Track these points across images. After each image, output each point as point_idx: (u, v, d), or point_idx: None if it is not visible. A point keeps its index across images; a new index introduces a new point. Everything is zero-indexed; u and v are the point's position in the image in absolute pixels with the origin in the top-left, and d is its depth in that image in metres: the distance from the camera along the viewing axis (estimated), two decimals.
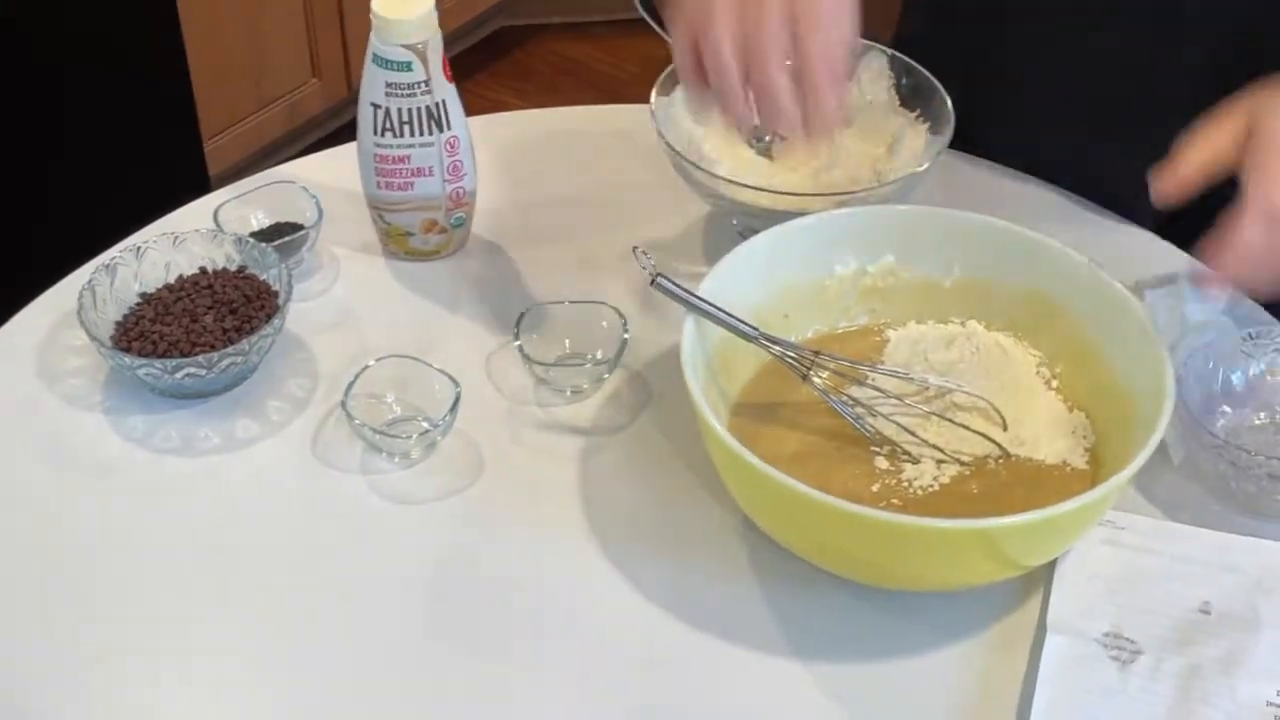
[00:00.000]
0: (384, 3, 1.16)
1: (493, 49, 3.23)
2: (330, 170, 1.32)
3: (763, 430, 1.07)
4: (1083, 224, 1.29)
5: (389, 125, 1.19)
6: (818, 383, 1.06)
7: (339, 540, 1.06)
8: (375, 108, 1.19)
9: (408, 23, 1.15)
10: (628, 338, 1.15)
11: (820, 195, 1.18)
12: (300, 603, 1.03)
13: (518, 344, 1.15)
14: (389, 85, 1.18)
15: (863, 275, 1.14)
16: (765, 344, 1.06)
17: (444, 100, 1.19)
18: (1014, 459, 1.06)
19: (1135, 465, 0.95)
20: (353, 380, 1.11)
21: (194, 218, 1.26)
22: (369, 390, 1.11)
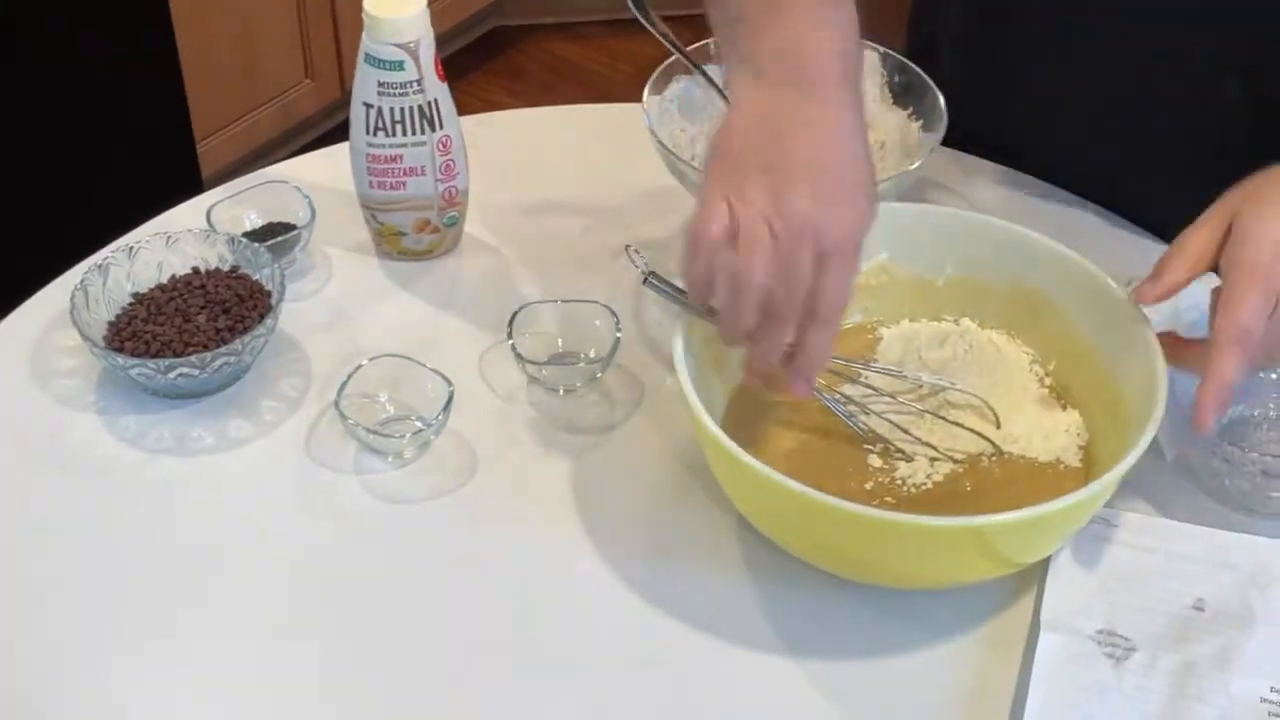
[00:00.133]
0: (376, 2, 1.16)
1: (486, 49, 3.23)
2: (323, 170, 1.32)
3: (756, 428, 1.07)
4: (1076, 221, 1.29)
5: (381, 124, 1.19)
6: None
7: (332, 540, 1.06)
8: (367, 107, 1.19)
9: (400, 22, 1.15)
10: (620, 336, 1.15)
11: None
12: (294, 602, 1.03)
13: (510, 343, 1.14)
14: (381, 84, 1.17)
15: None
16: None
17: (436, 99, 1.19)
18: (1007, 456, 1.06)
19: (1128, 462, 0.95)
20: (346, 380, 1.11)
21: (187, 218, 1.26)
22: (362, 390, 1.11)
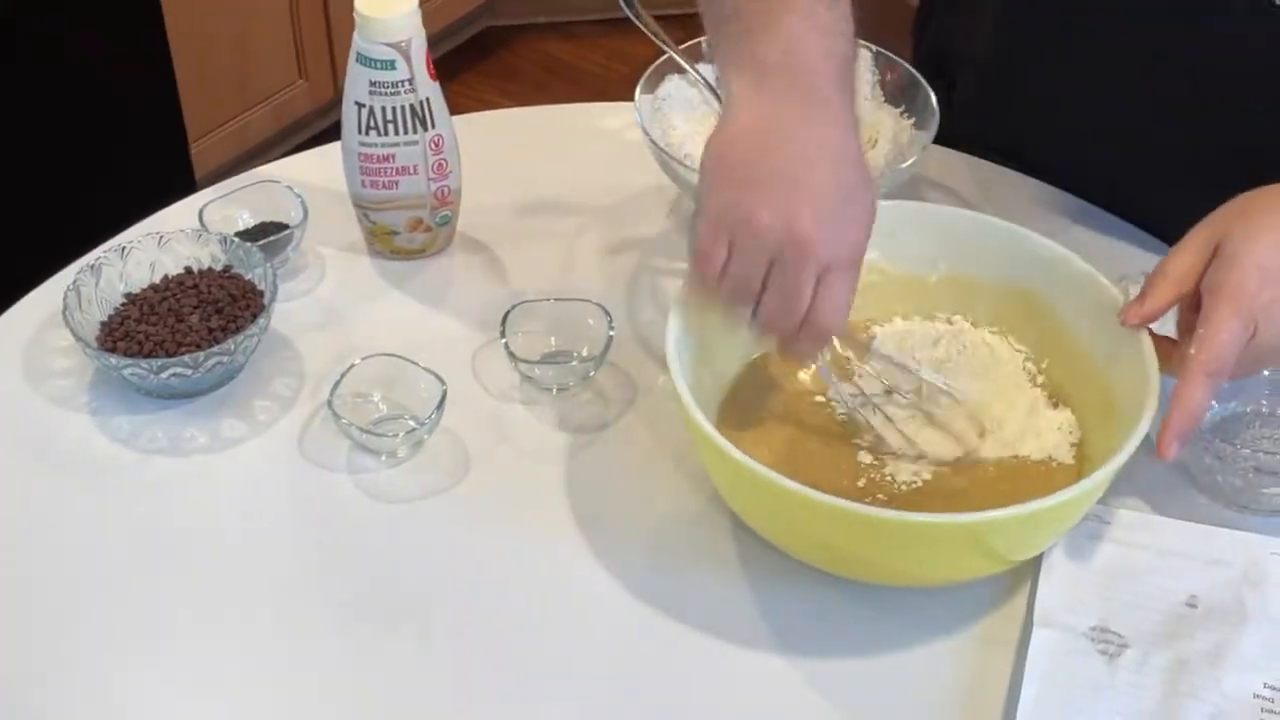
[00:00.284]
0: (367, 1, 1.15)
1: (479, 49, 3.23)
2: (315, 169, 1.32)
3: (749, 426, 1.07)
4: (1070, 219, 1.29)
5: (373, 124, 1.19)
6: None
7: (326, 539, 1.06)
8: (359, 106, 1.19)
9: (391, 21, 1.15)
10: (613, 335, 1.15)
11: None
12: (288, 601, 1.02)
13: (503, 342, 1.14)
14: (373, 84, 1.17)
15: None
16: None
17: (428, 98, 1.19)
18: (997, 460, 1.06)
19: (1121, 458, 0.95)
20: (339, 379, 1.11)
21: (179, 218, 1.26)
22: (355, 389, 1.11)
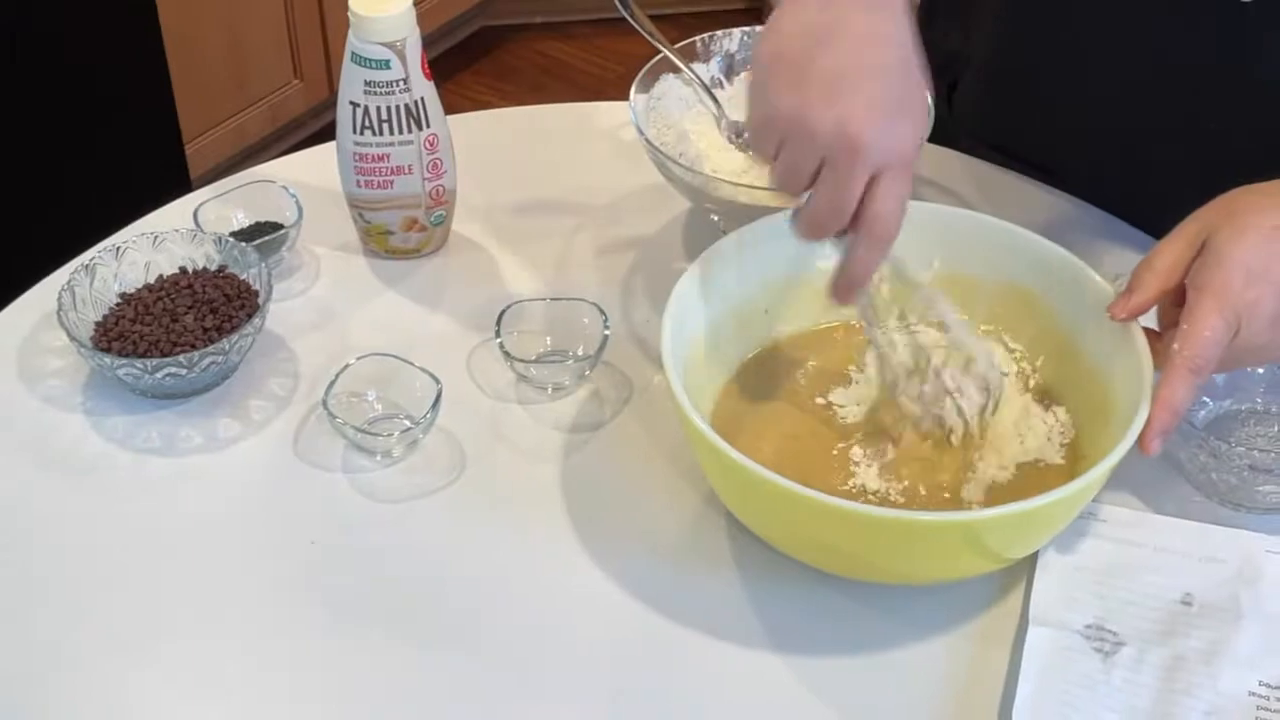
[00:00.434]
0: (361, 1, 1.15)
1: (475, 49, 3.23)
2: (310, 169, 1.32)
3: (744, 425, 1.07)
4: (1065, 216, 1.29)
5: (368, 123, 1.19)
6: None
7: (321, 538, 1.06)
8: (354, 106, 1.19)
9: (385, 20, 1.15)
10: (609, 334, 1.15)
11: None
12: (283, 601, 1.02)
13: (499, 341, 1.14)
14: (367, 83, 1.17)
15: None
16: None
17: (423, 98, 1.19)
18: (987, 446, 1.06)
19: (1115, 456, 0.95)
20: (334, 379, 1.11)
21: (174, 218, 1.26)
22: (350, 389, 1.11)
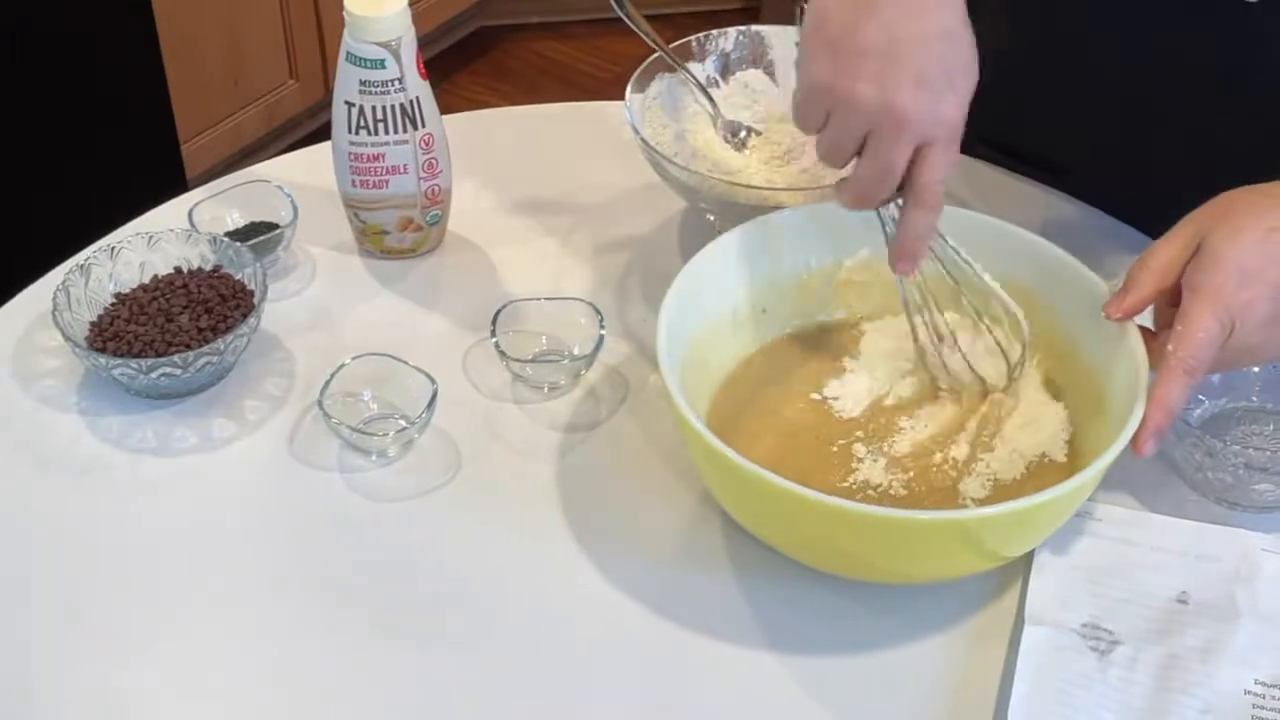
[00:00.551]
0: (357, 0, 1.15)
1: (472, 49, 3.23)
2: (305, 169, 1.32)
3: (740, 424, 1.07)
4: (1061, 216, 1.29)
5: (363, 123, 1.19)
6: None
7: (317, 538, 1.06)
8: (349, 105, 1.19)
9: (381, 20, 1.15)
10: (604, 334, 1.15)
11: (796, 190, 1.18)
12: (279, 601, 1.02)
13: (494, 341, 1.14)
14: (363, 83, 1.17)
15: (838, 269, 1.14)
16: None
17: (418, 97, 1.19)
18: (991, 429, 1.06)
19: (1111, 455, 0.95)
20: (329, 379, 1.11)
21: (169, 218, 1.26)
22: (346, 389, 1.11)
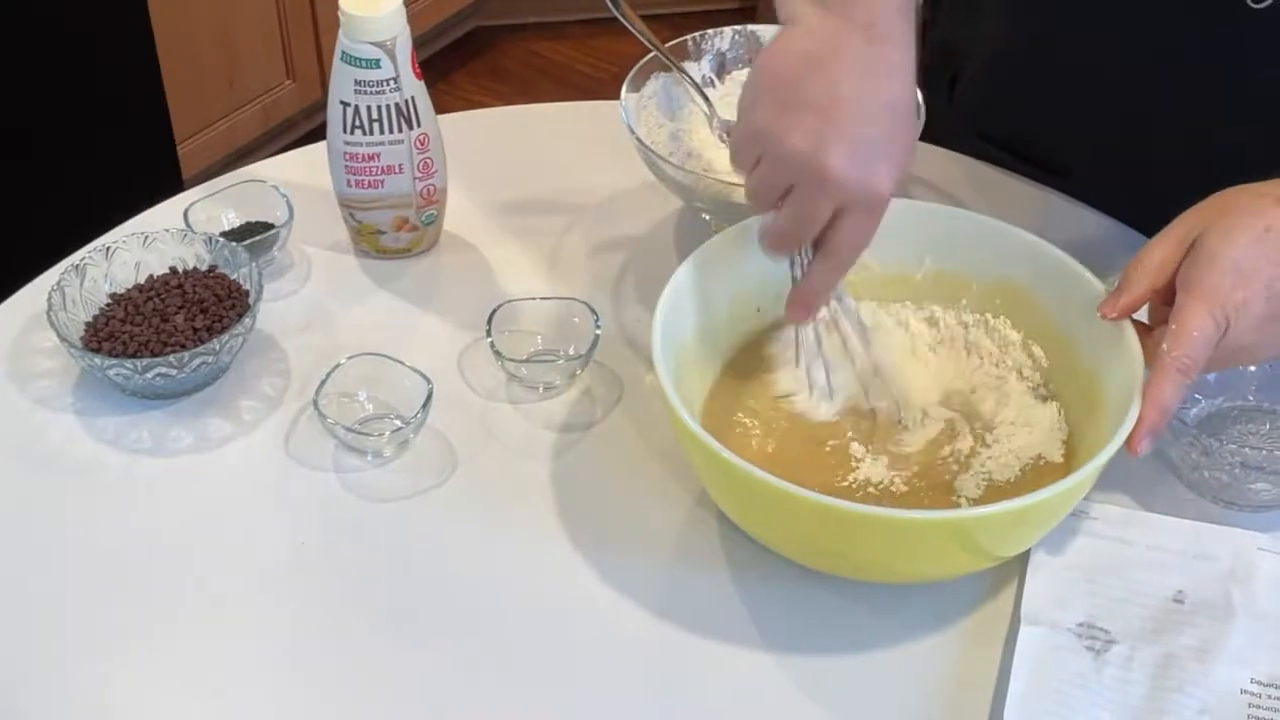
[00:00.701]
0: (352, 0, 1.15)
1: (468, 49, 3.23)
2: (301, 169, 1.32)
3: (736, 424, 1.07)
4: (1057, 214, 1.29)
5: (358, 123, 1.19)
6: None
7: (312, 538, 1.06)
8: (344, 105, 1.18)
9: (376, 20, 1.15)
10: (600, 333, 1.15)
11: None
12: (274, 601, 1.02)
13: (489, 341, 1.14)
14: (358, 83, 1.17)
15: None
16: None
17: (413, 97, 1.19)
18: (982, 442, 1.06)
19: (1107, 454, 0.95)
20: (324, 379, 1.11)
21: (164, 218, 1.25)
22: (341, 389, 1.11)
